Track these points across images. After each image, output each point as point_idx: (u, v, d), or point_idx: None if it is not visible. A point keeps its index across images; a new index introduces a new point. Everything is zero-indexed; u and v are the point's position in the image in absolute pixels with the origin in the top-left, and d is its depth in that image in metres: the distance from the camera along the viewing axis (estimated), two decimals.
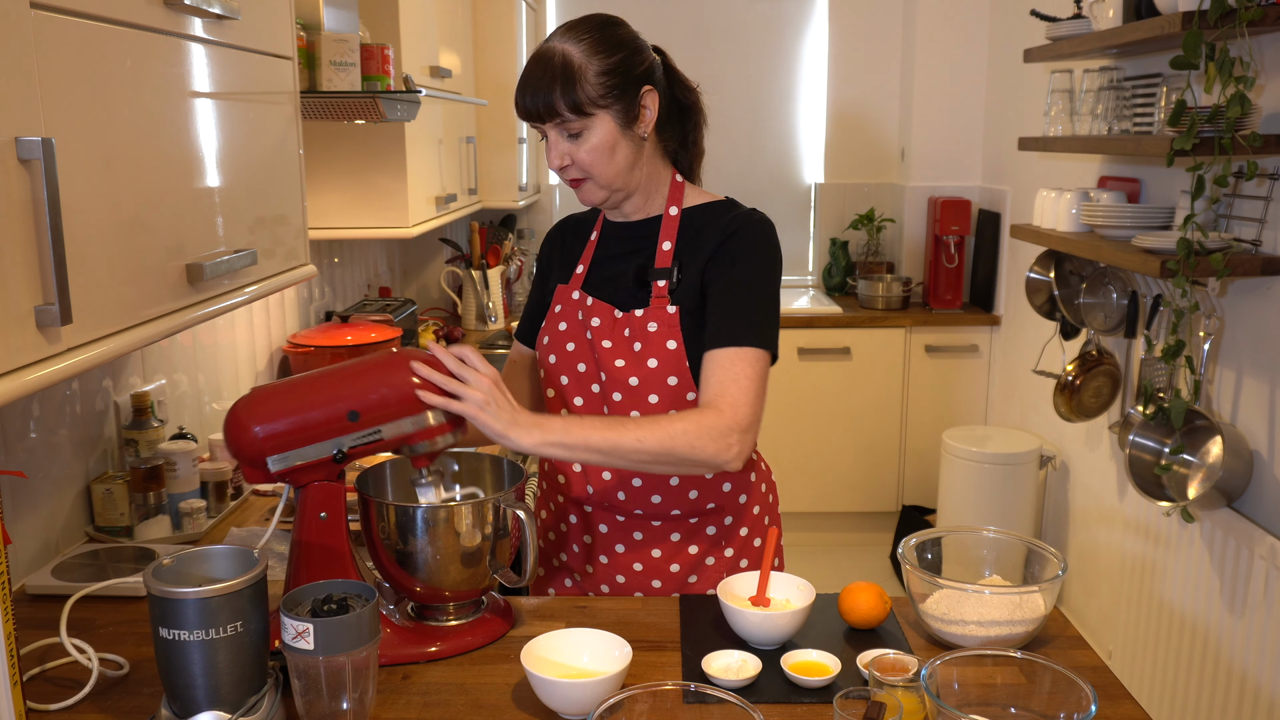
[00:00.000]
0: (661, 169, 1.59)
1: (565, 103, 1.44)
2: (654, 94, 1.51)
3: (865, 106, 4.56)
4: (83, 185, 1.12)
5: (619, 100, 1.47)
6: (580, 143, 1.48)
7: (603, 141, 1.48)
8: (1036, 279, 3.25)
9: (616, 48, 1.47)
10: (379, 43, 2.39)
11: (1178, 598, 2.62)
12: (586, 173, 1.50)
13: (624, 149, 1.50)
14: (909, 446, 4.23)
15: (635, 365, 1.52)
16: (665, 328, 1.52)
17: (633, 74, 1.48)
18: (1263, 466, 2.32)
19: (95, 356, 1.14)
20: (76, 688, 1.30)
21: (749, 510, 1.65)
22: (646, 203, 1.59)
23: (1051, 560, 1.45)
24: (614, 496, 1.59)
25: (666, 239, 1.56)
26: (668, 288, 1.54)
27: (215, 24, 1.43)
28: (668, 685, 1.15)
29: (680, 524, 1.61)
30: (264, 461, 1.33)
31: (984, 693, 1.21)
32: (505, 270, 4.10)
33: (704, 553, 1.62)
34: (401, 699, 1.29)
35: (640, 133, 1.51)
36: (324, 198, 2.60)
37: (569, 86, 1.44)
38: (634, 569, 1.62)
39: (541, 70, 1.45)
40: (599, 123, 1.47)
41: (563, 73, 1.44)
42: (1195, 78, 2.25)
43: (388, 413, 1.35)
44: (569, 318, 1.60)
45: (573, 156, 1.49)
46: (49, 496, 1.73)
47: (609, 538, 1.62)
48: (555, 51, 1.45)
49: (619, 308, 1.56)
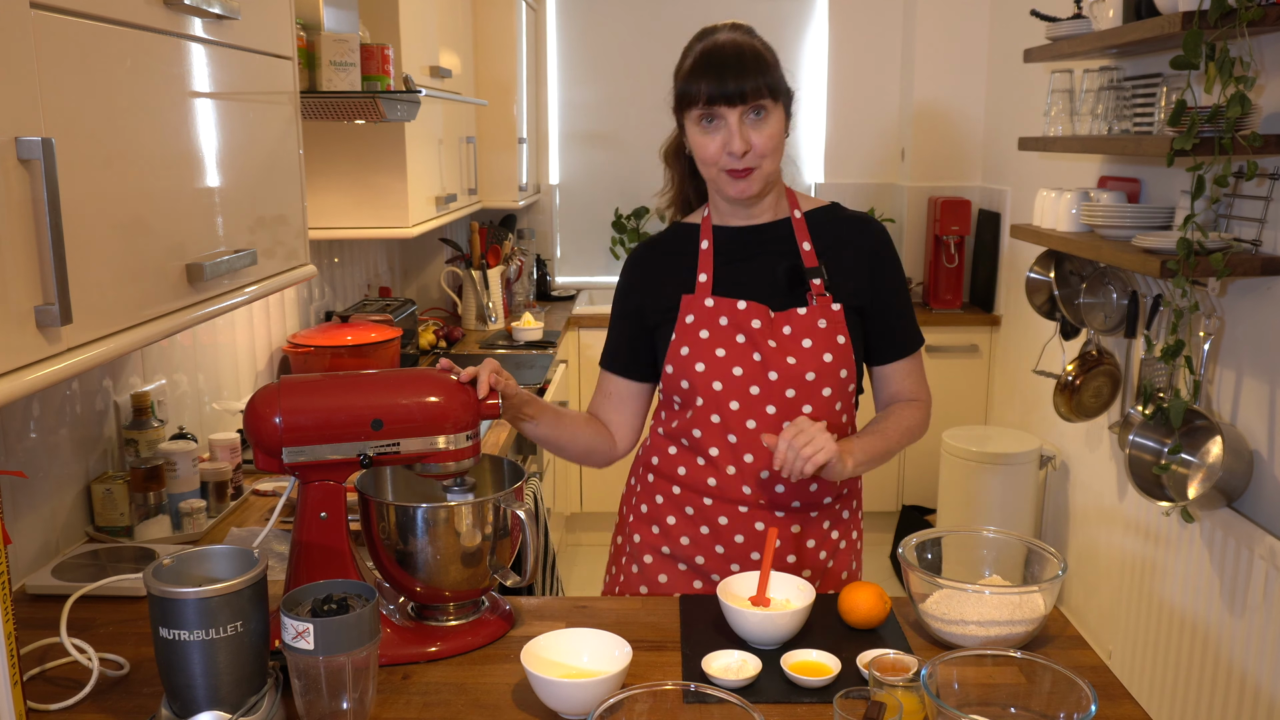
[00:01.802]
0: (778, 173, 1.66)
1: (767, 83, 1.53)
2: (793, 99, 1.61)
3: (865, 106, 4.56)
4: (83, 185, 1.12)
5: (788, 96, 1.58)
6: (761, 128, 1.54)
7: (778, 129, 1.56)
8: (1036, 279, 3.25)
9: (776, 52, 1.60)
10: (379, 43, 2.39)
11: (1178, 598, 2.62)
12: (759, 160, 1.55)
13: (783, 143, 1.59)
14: (909, 446, 4.22)
15: (810, 361, 1.58)
16: (834, 324, 1.60)
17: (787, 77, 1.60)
18: (1263, 466, 2.32)
19: (95, 356, 1.14)
20: (76, 688, 1.30)
21: (850, 503, 1.73)
22: (776, 202, 1.66)
23: (1051, 560, 1.45)
24: (739, 490, 1.62)
25: (804, 240, 1.64)
26: (824, 285, 1.60)
27: (215, 24, 1.43)
28: (668, 685, 1.15)
29: (799, 515, 1.64)
30: (279, 451, 1.34)
31: (984, 693, 1.21)
32: (505, 270, 4.10)
33: (819, 546, 1.67)
34: (401, 699, 1.29)
35: (788, 130, 1.60)
36: (324, 198, 2.60)
37: (770, 71, 1.54)
38: (751, 558, 1.63)
39: (738, 57, 1.53)
40: (777, 113, 1.55)
41: (760, 59, 1.54)
42: (1195, 78, 2.25)
43: (411, 428, 1.36)
44: (709, 325, 1.61)
45: (755, 140, 1.54)
46: (49, 496, 1.73)
47: (728, 529, 1.64)
48: (745, 45, 1.55)
49: (771, 307, 1.60)
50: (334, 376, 1.40)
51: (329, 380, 1.39)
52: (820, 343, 1.59)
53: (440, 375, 1.41)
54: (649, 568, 1.70)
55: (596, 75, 4.58)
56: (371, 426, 1.35)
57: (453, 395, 1.39)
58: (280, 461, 1.34)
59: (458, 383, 1.41)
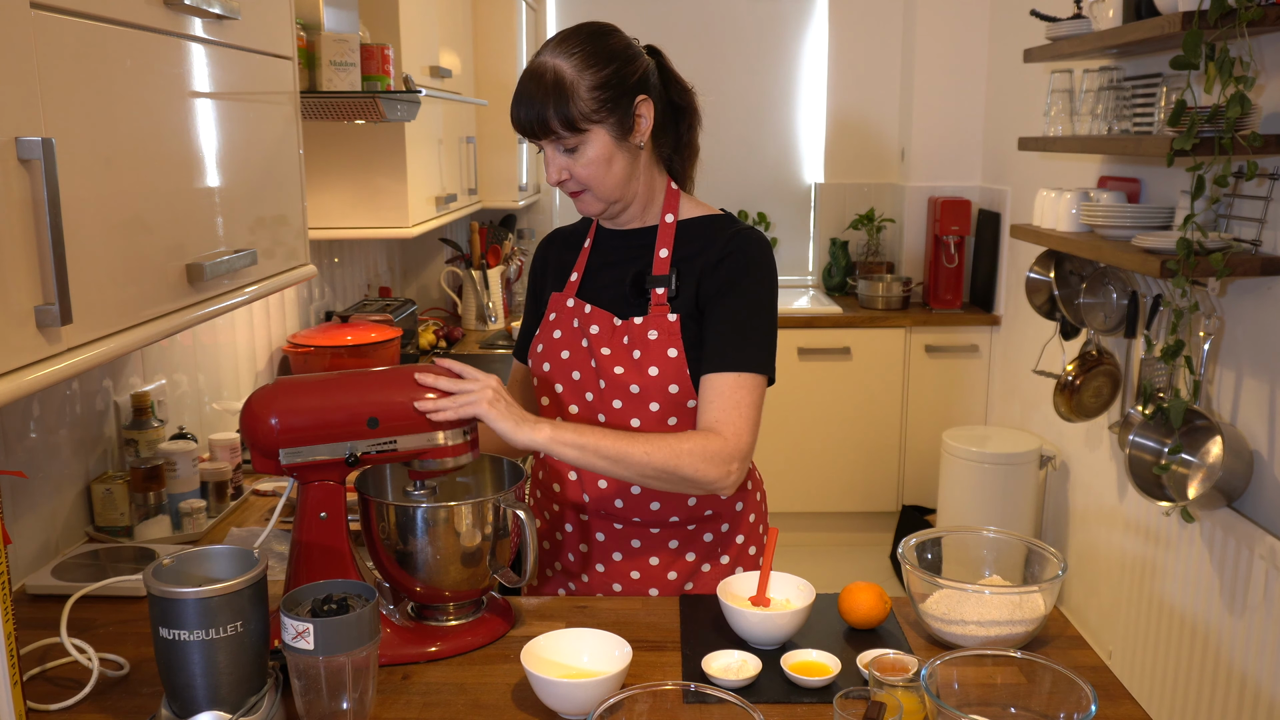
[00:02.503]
0: (657, 176, 1.59)
1: (559, 120, 1.44)
2: (648, 103, 1.50)
3: (865, 106, 4.56)
4: (83, 185, 1.12)
5: (613, 113, 1.46)
6: (576, 157, 1.48)
7: (599, 155, 1.47)
8: (1036, 279, 3.25)
9: (608, 60, 1.46)
10: (379, 43, 2.38)
11: (1178, 598, 2.62)
12: (584, 185, 1.51)
13: (620, 160, 1.50)
14: (909, 446, 4.23)
15: (636, 372, 1.52)
16: (666, 335, 1.52)
17: (626, 85, 1.47)
18: (1263, 466, 2.32)
19: (95, 356, 1.14)
20: (77, 688, 1.30)
21: (745, 518, 1.65)
22: (644, 211, 1.59)
23: (1051, 560, 1.45)
24: (611, 504, 1.59)
25: (663, 247, 1.56)
26: (666, 295, 1.53)
27: (215, 24, 1.43)
28: (668, 685, 1.15)
29: (678, 531, 1.60)
30: (276, 452, 1.33)
31: (984, 693, 1.21)
32: (505, 270, 4.10)
33: (700, 560, 1.62)
34: (401, 699, 1.29)
35: (636, 142, 1.51)
36: (324, 198, 2.60)
37: (562, 103, 1.43)
38: (631, 577, 1.61)
39: (534, 86, 1.44)
40: (594, 137, 1.46)
41: (555, 89, 1.43)
42: (1195, 78, 2.25)
43: (408, 425, 1.36)
44: (564, 325, 1.60)
45: (570, 171, 1.49)
46: (49, 496, 1.73)
47: (606, 545, 1.62)
48: (547, 67, 1.44)
49: (617, 315, 1.56)
50: (328, 376, 1.39)
51: (323, 380, 1.38)
52: (648, 355, 1.51)
53: (437, 370, 1.40)
54: (541, 585, 1.71)
55: None
56: (367, 424, 1.35)
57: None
58: (278, 463, 1.34)
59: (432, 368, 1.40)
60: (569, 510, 1.64)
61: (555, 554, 1.68)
